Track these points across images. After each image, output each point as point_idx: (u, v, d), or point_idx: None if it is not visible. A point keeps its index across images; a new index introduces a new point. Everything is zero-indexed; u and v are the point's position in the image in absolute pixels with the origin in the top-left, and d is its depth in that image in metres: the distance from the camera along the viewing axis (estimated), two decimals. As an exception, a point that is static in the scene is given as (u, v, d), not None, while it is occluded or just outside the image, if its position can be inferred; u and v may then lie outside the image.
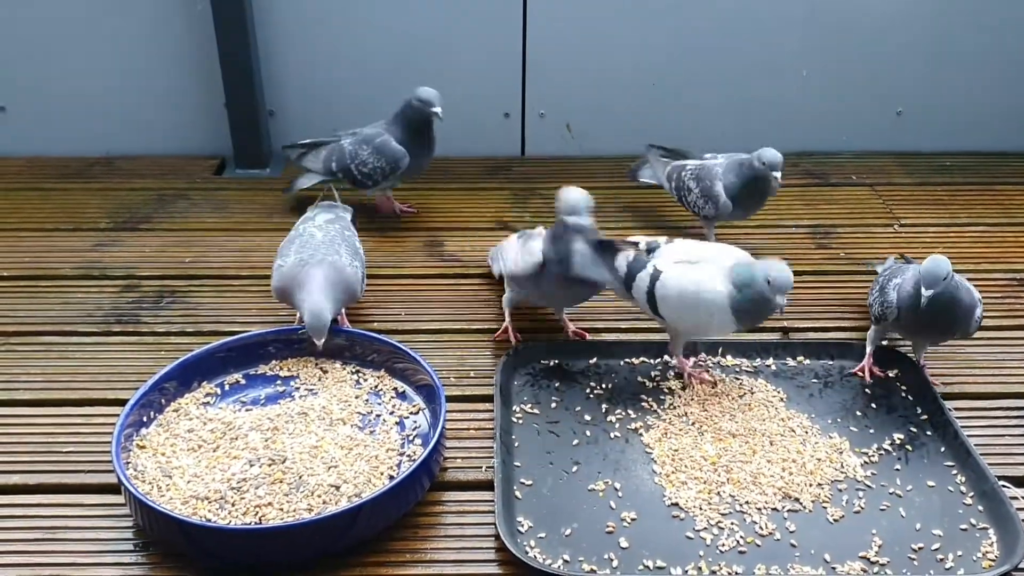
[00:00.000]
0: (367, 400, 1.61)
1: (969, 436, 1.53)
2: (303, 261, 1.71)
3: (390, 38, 2.53)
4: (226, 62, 2.48)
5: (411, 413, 1.58)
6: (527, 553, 1.32)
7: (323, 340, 1.63)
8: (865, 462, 1.51)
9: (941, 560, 1.33)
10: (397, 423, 1.56)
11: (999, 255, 2.14)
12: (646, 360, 1.74)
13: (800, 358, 1.74)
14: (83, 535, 1.37)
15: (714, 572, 1.31)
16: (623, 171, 2.47)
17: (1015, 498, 1.42)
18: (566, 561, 1.33)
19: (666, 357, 1.74)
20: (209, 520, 1.33)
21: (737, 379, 1.69)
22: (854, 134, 2.67)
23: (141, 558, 1.34)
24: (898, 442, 1.55)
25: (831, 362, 1.73)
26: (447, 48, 2.54)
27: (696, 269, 1.60)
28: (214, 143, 2.64)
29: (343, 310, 1.80)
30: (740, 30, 2.54)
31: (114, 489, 1.41)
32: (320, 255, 1.72)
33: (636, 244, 1.73)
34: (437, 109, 2.11)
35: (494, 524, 1.36)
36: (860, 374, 1.69)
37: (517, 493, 1.44)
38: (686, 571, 1.31)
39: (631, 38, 2.55)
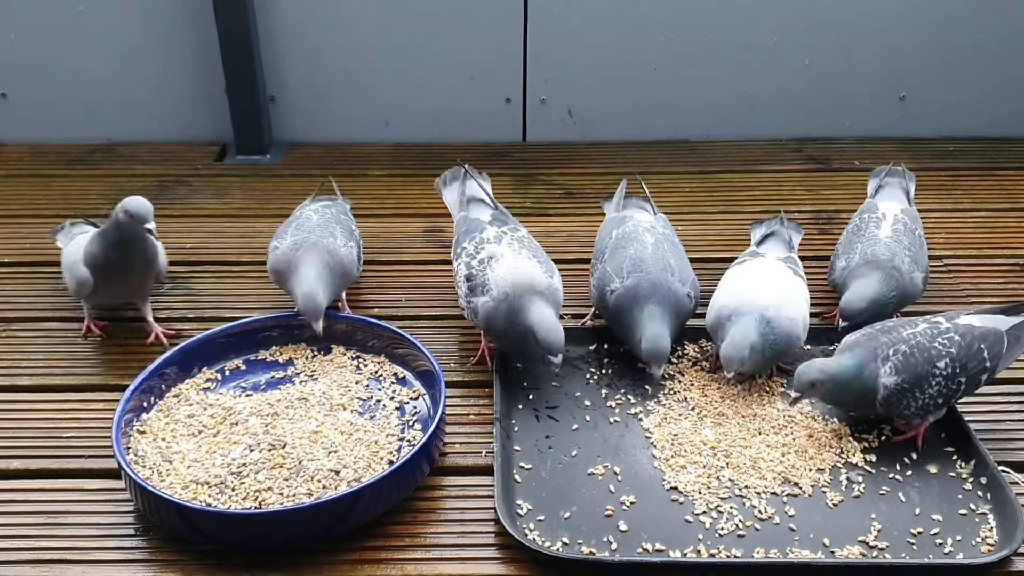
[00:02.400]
0: (367, 386, 1.61)
1: (969, 421, 1.53)
2: (297, 244, 1.72)
3: (391, 22, 2.52)
4: (226, 48, 2.47)
5: (411, 399, 1.58)
6: (526, 536, 1.33)
7: (321, 323, 1.63)
8: (865, 447, 1.51)
9: (940, 545, 1.33)
10: (397, 408, 1.56)
11: (1001, 240, 2.14)
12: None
13: (806, 347, 1.73)
14: (84, 520, 1.38)
15: (713, 556, 1.31)
16: (623, 158, 2.47)
17: (1015, 483, 1.42)
18: (565, 544, 1.33)
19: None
20: (209, 505, 1.34)
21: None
22: (857, 119, 2.66)
23: (142, 542, 1.34)
24: (899, 427, 1.55)
25: (831, 347, 1.73)
26: (448, 33, 2.54)
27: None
28: (215, 129, 2.64)
29: (343, 295, 1.81)
30: (742, 15, 2.53)
31: (115, 474, 1.42)
32: (314, 237, 1.73)
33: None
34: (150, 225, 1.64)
35: (494, 508, 1.36)
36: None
37: (516, 477, 1.45)
38: (685, 554, 1.31)
39: (633, 23, 2.54)
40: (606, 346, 1.74)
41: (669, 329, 1.60)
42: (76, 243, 1.78)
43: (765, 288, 1.63)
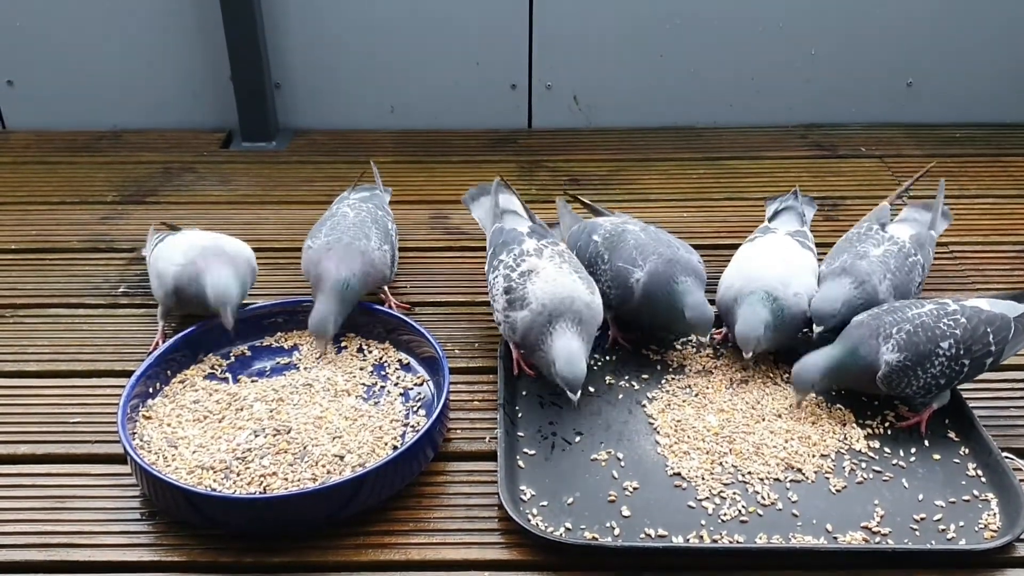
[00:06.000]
0: (372, 372, 1.61)
1: (973, 408, 1.52)
2: (329, 244, 1.69)
3: (396, 9, 2.52)
4: (232, 35, 2.47)
5: (415, 385, 1.59)
6: (529, 521, 1.33)
7: (325, 345, 1.64)
8: (869, 433, 1.51)
9: (943, 531, 1.33)
10: (401, 394, 1.56)
11: (1007, 227, 2.13)
12: (651, 332, 1.74)
13: (805, 331, 1.73)
14: (90, 504, 1.39)
15: (715, 541, 1.31)
16: (629, 144, 2.46)
17: (1018, 469, 1.42)
18: (568, 529, 1.33)
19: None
20: (214, 489, 1.34)
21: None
22: (863, 105, 2.65)
23: (147, 527, 1.35)
24: (903, 414, 1.55)
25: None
26: (454, 18, 2.53)
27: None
28: (220, 116, 2.64)
29: (386, 288, 1.81)
30: (749, 1, 2.52)
31: (121, 459, 1.43)
32: (347, 238, 1.70)
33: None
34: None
35: (497, 493, 1.36)
36: None
37: (520, 463, 1.45)
38: (687, 540, 1.31)
39: (639, 9, 2.53)
40: (609, 333, 1.74)
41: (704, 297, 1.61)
42: (167, 249, 1.73)
43: (771, 265, 1.64)
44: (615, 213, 1.88)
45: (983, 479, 1.42)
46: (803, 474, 1.42)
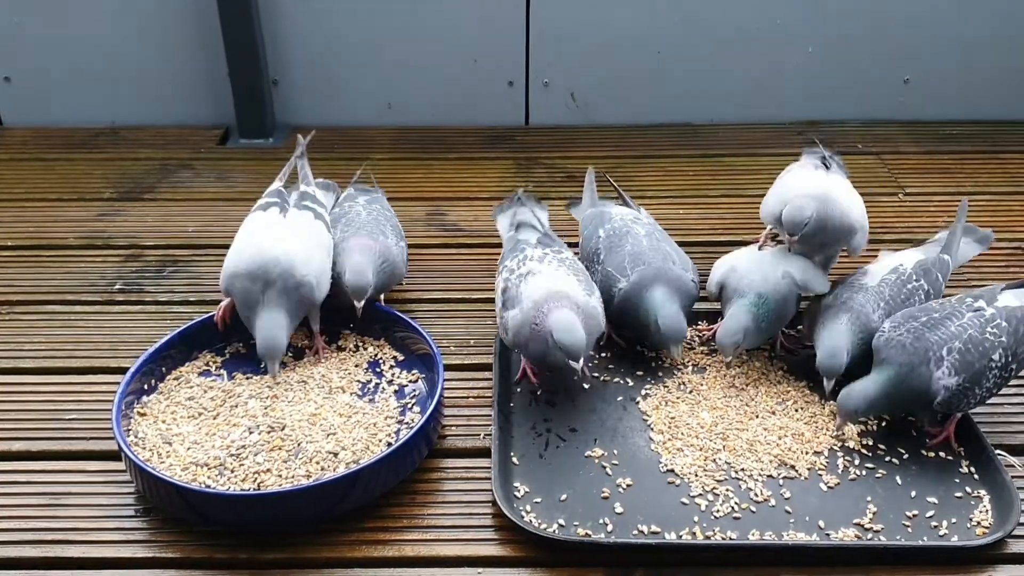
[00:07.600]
0: (367, 369, 1.62)
1: (967, 404, 1.53)
2: (345, 238, 1.72)
3: (394, 5, 2.52)
4: (229, 32, 2.47)
5: (410, 382, 1.59)
6: (523, 518, 1.34)
7: (363, 302, 1.62)
8: (862, 431, 1.51)
9: (935, 527, 1.34)
10: (396, 391, 1.56)
11: (1004, 224, 2.12)
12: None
13: (800, 327, 1.73)
14: (85, 501, 1.39)
15: (708, 538, 1.32)
16: (627, 141, 2.46)
17: (1011, 466, 1.42)
18: (561, 525, 1.34)
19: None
20: (209, 486, 1.34)
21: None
22: (861, 103, 2.65)
23: (142, 523, 1.36)
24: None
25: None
26: (451, 15, 2.53)
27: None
28: (218, 113, 2.64)
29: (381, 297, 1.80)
30: (746, -3, 2.52)
31: (115, 456, 1.43)
32: (366, 232, 1.73)
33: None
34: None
35: (491, 490, 1.36)
36: None
37: (514, 459, 1.45)
38: (680, 536, 1.32)
39: (637, 6, 2.53)
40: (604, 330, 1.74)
41: (681, 309, 1.60)
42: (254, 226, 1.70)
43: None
44: (637, 207, 1.88)
45: (976, 476, 1.42)
46: (796, 471, 1.43)
